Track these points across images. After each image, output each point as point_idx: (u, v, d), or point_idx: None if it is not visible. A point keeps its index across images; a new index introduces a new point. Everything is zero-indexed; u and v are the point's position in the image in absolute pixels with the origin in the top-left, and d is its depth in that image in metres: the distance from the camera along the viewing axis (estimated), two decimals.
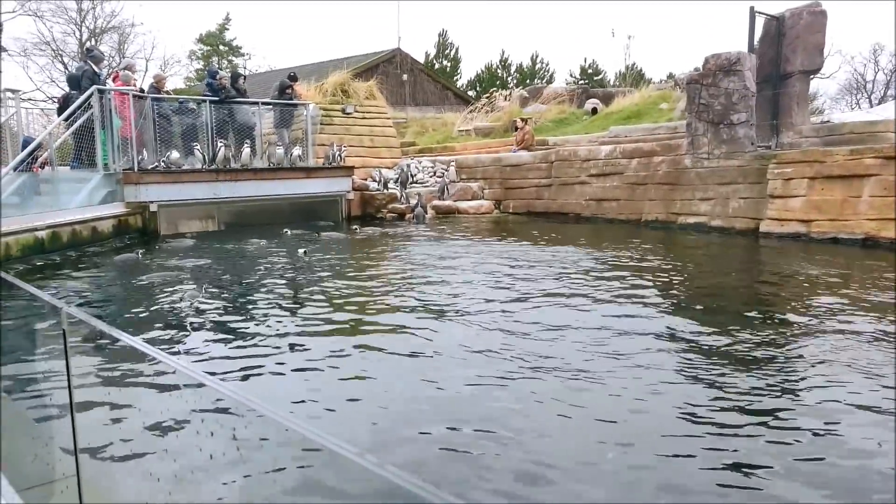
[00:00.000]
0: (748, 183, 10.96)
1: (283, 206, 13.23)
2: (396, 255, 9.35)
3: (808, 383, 3.97)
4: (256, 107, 14.10)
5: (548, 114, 20.50)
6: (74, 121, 10.64)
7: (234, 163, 12.88)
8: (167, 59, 37.33)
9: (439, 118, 23.92)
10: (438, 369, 4.24)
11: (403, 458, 2.89)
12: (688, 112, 12.21)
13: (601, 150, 13.71)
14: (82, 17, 33.30)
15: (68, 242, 9.30)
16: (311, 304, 6.19)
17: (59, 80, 31.88)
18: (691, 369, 4.18)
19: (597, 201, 13.49)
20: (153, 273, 7.77)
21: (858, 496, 2.71)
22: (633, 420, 3.46)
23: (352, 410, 3.46)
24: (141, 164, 11.49)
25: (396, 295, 6.66)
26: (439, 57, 40.22)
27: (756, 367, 4.22)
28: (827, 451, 3.09)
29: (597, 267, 7.95)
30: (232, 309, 6.06)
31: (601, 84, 33.31)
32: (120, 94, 11.29)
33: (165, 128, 12.34)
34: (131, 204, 11.15)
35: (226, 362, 4.43)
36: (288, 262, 8.62)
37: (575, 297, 6.29)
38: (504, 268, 7.89)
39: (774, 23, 12.29)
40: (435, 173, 15.89)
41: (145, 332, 5.15)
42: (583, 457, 3.05)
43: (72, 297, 6.55)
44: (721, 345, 4.69)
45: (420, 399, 3.73)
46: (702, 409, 3.56)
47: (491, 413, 3.48)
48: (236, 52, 43.88)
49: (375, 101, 17.29)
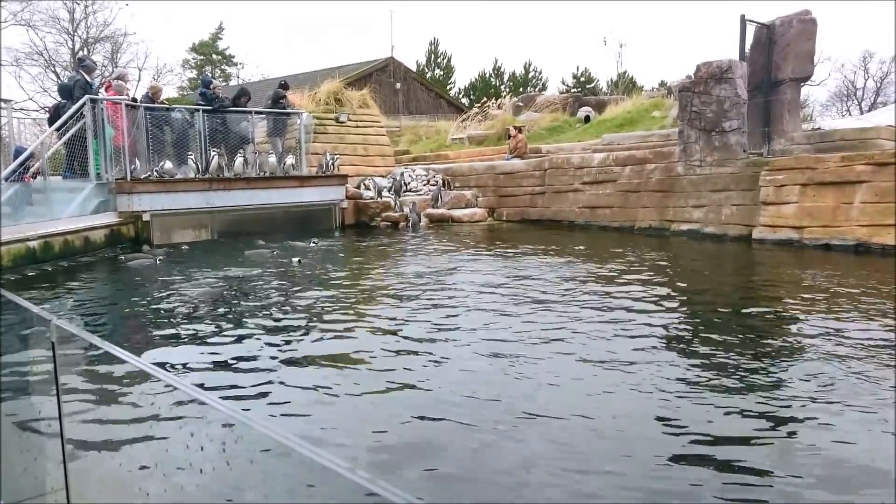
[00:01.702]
0: (740, 190, 11.00)
1: (276, 215, 13.21)
2: (393, 266, 9.32)
3: (806, 388, 3.97)
4: (250, 116, 14.09)
5: (541, 121, 20.56)
6: (66, 130, 10.61)
7: (228, 172, 12.86)
8: (160, 69, 37.25)
9: (433, 126, 23.97)
10: (439, 378, 4.22)
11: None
12: (680, 120, 12.27)
13: (594, 158, 13.75)
14: (75, 27, 33.31)
15: (60, 252, 9.24)
16: (304, 317, 6.16)
17: (51, 89, 31.84)
18: (690, 377, 4.18)
19: (590, 209, 13.52)
20: (159, 281, 7.73)
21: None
22: (628, 428, 3.46)
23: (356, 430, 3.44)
24: (134, 174, 11.46)
25: (395, 307, 6.64)
26: (431, 65, 40.38)
27: (754, 373, 4.22)
28: (827, 450, 3.10)
29: (592, 274, 7.95)
30: (225, 321, 6.02)
31: (594, 92, 33.46)
32: (112, 104, 11.26)
33: (158, 137, 12.33)
34: (124, 213, 11.11)
35: (217, 376, 4.41)
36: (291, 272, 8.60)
37: (575, 309, 6.28)
38: (502, 278, 7.88)
39: (765, 31, 12.39)
40: (428, 181, 15.90)
41: (139, 343, 5.12)
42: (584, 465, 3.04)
43: (69, 306, 6.51)
44: (718, 351, 4.69)
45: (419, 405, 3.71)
46: (697, 415, 3.56)
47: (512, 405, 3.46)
48: (229, 61, 43.94)
49: (369, 109, 17.33)
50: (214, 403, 1.39)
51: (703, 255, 9.94)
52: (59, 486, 2.16)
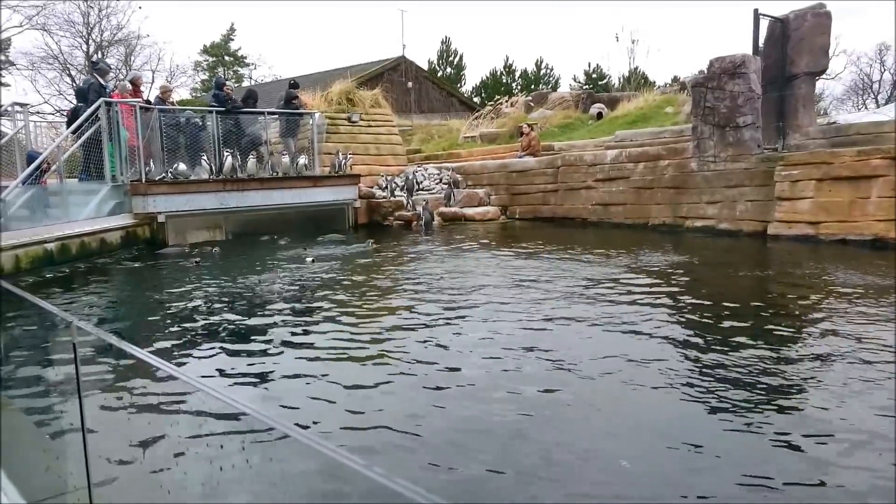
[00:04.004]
0: (755, 185, 10.93)
1: (290, 215, 13.28)
2: (407, 266, 9.34)
3: (828, 392, 3.94)
4: (262, 117, 14.17)
5: (553, 119, 20.52)
6: (82, 133, 10.73)
7: (241, 172, 12.94)
8: (173, 71, 37.55)
9: (444, 125, 23.98)
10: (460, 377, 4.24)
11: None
12: (693, 115, 12.20)
13: (607, 155, 13.70)
14: (89, 31, 33.63)
15: (77, 254, 9.36)
16: (328, 315, 6.19)
17: (66, 92, 32.19)
18: (708, 377, 4.17)
19: (603, 206, 13.47)
20: (184, 281, 7.80)
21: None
22: (644, 422, 3.46)
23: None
24: (148, 176, 11.56)
25: (410, 307, 6.66)
26: (442, 64, 40.35)
27: (775, 373, 4.20)
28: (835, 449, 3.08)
29: (611, 272, 7.93)
30: (245, 319, 6.06)
31: (606, 88, 33.33)
32: (125, 106, 11.37)
33: (172, 138, 12.42)
34: (139, 215, 11.22)
35: (238, 374, 4.44)
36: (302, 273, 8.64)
37: (592, 306, 6.27)
38: (519, 278, 7.88)
39: (779, 25, 12.28)
40: (441, 180, 15.92)
41: (161, 343, 5.17)
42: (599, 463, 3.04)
43: (90, 307, 6.58)
44: (739, 349, 4.67)
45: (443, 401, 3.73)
46: (716, 415, 3.55)
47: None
48: (241, 62, 44.20)
49: (381, 108, 17.35)
50: (233, 403, 1.41)
51: (721, 252, 9.86)
52: (81, 485, 2.20)
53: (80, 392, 2.17)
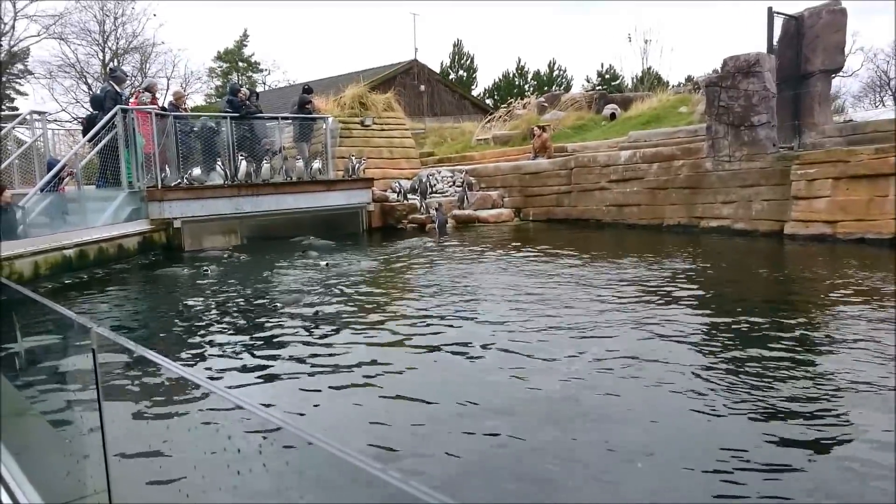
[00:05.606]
0: (771, 185, 10.84)
1: (304, 219, 13.34)
2: (423, 271, 9.36)
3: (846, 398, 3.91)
4: (276, 121, 14.25)
5: (566, 120, 20.45)
6: (99, 140, 10.85)
7: (256, 177, 13.02)
8: (188, 77, 37.84)
9: (457, 128, 24.00)
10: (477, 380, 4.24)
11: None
12: (707, 115, 12.13)
13: (621, 156, 13.65)
14: (105, 39, 34.00)
15: (95, 260, 9.46)
16: (341, 322, 6.22)
17: (83, 100, 32.55)
18: (730, 381, 4.14)
19: (617, 207, 13.42)
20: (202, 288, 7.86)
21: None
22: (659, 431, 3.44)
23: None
24: (164, 182, 11.67)
25: (428, 317, 6.67)
26: (454, 66, 40.37)
27: (794, 378, 4.17)
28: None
29: (631, 275, 7.90)
30: (261, 327, 6.11)
31: (619, 89, 33.15)
32: (141, 113, 11.49)
33: (188, 144, 12.52)
34: (156, 220, 11.33)
35: (255, 379, 4.48)
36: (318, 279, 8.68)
37: (623, 312, 6.25)
38: (532, 281, 7.86)
39: (793, 23, 12.18)
40: (454, 183, 15.93)
41: (181, 349, 5.22)
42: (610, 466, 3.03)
43: (112, 311, 6.66)
44: (761, 352, 4.64)
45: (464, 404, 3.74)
46: (735, 418, 3.53)
47: None
48: (255, 67, 44.46)
49: (393, 112, 17.40)
50: (250, 406, 1.43)
51: (737, 252, 9.78)
52: (101, 489, 2.22)
53: (100, 396, 2.20)
